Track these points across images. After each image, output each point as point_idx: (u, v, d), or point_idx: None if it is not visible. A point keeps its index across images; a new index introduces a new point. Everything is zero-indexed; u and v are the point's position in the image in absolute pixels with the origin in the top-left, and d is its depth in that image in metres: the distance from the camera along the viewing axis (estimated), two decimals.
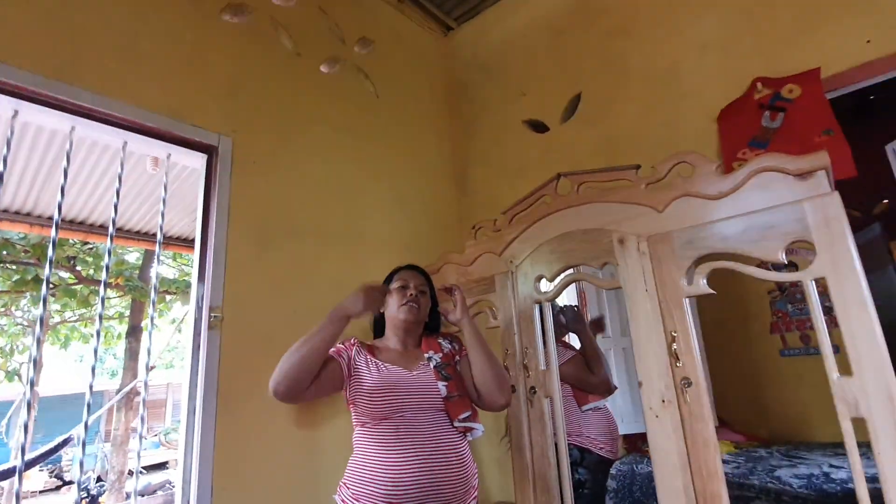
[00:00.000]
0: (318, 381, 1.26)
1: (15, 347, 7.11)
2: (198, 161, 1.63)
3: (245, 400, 1.47)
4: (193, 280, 1.50)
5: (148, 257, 5.59)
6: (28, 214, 3.08)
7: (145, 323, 6.01)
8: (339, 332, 1.31)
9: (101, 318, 1.57)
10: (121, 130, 1.48)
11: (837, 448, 1.58)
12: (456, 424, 1.23)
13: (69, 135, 1.45)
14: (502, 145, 2.54)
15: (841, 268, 1.12)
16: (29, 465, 4.16)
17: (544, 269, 1.72)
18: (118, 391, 5.92)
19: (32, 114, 1.39)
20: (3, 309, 6.50)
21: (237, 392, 1.46)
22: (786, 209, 1.21)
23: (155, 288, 1.76)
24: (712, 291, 1.34)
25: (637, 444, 2.04)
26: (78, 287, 5.61)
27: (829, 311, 1.13)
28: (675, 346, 1.34)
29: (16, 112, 1.36)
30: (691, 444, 1.28)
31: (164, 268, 5.87)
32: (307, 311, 1.56)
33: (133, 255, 6.22)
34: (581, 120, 2.27)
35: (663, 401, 1.35)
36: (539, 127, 2.42)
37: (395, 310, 1.42)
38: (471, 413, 1.23)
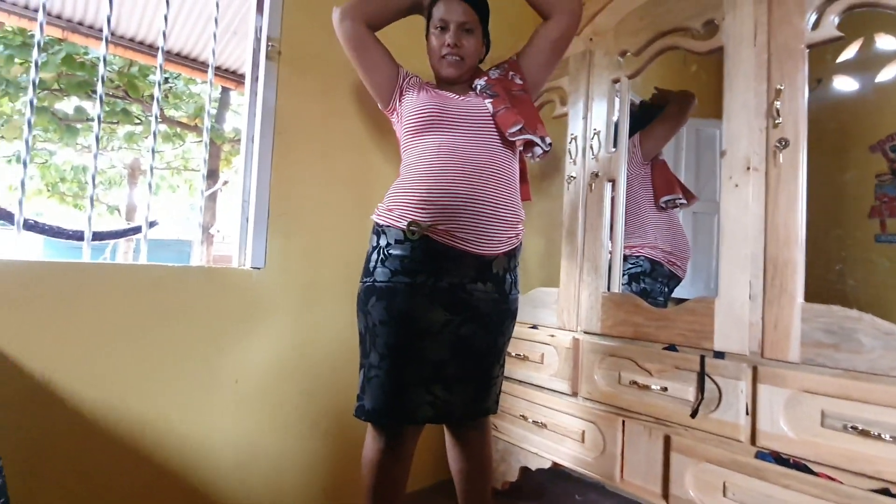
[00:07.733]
0: (373, 54, 1.19)
1: (113, 184, 7.88)
2: None
3: (301, 133, 1.46)
4: (251, 11, 1.44)
5: (224, 100, 5.74)
6: (111, 33, 3.07)
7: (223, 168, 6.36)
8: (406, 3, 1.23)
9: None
10: None
11: None
12: (509, 138, 1.13)
13: None
14: None
15: None
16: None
17: (629, 42, 1.51)
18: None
19: None
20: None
21: (293, 123, 1.44)
22: None
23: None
24: (840, 34, 1.10)
25: None
26: (161, 127, 5.96)
27: None
28: (777, 103, 1.15)
29: None
30: (772, 209, 1.14)
31: (234, 115, 6.03)
32: None
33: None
34: None
35: (748, 168, 1.19)
36: None
37: (435, 59, 1.21)
38: (522, 124, 1.10)
